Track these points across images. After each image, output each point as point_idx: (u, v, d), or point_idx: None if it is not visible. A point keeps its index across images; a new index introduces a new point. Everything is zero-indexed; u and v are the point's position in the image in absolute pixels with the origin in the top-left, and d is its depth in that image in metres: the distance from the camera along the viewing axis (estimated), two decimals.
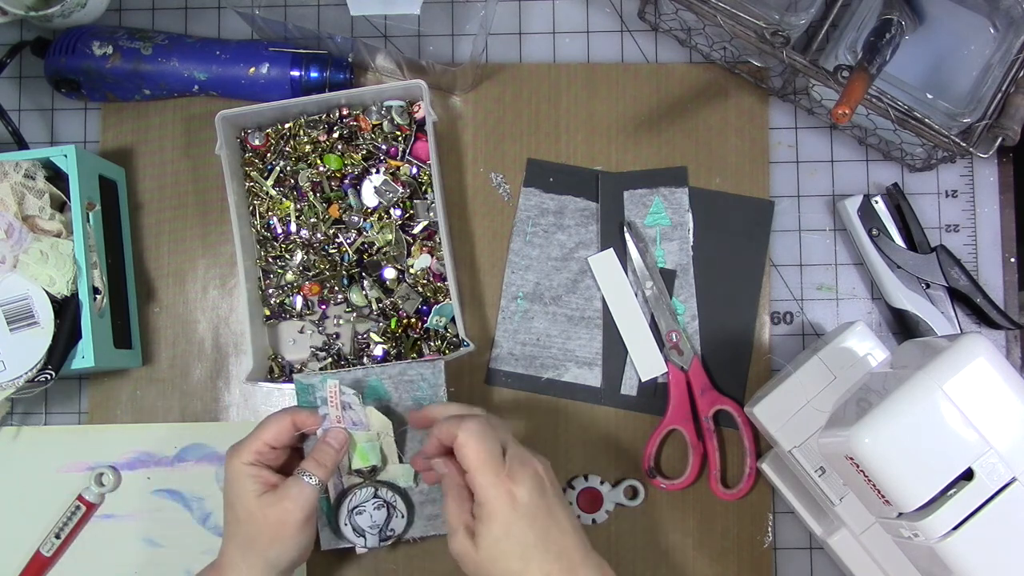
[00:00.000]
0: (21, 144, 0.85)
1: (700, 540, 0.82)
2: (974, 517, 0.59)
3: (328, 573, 0.83)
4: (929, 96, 0.77)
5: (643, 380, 0.84)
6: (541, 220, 0.86)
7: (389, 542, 0.76)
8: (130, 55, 0.84)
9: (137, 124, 0.88)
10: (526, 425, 0.84)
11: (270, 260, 0.85)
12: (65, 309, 0.77)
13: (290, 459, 0.74)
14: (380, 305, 0.84)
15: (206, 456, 0.85)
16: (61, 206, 0.80)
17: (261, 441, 0.70)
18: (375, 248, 0.84)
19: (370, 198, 0.84)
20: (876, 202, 0.83)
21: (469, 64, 0.82)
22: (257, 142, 0.85)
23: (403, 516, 0.76)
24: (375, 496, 0.75)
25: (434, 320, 0.83)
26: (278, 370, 0.85)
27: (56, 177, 0.80)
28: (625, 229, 0.84)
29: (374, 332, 0.84)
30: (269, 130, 0.85)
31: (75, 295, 0.77)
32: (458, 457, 0.67)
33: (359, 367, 0.75)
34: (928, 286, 0.82)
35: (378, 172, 0.84)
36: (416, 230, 0.84)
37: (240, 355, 0.86)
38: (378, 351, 0.83)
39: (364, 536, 0.75)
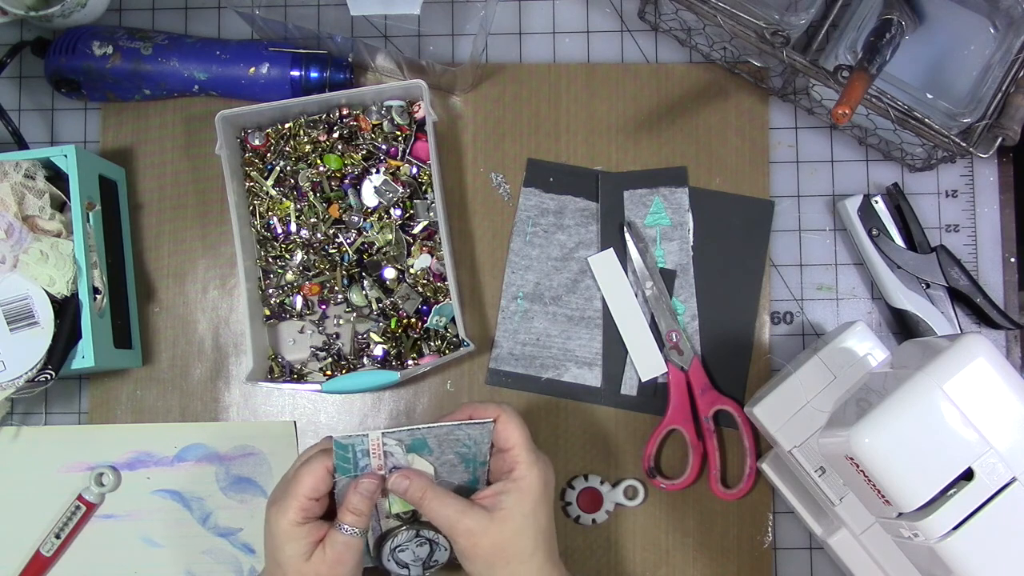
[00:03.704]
0: (21, 144, 0.85)
1: (700, 540, 0.82)
2: (974, 517, 0.59)
3: None
4: (929, 96, 0.77)
5: (643, 380, 0.84)
6: (541, 220, 0.86)
7: (433, 570, 0.76)
8: (130, 55, 0.84)
9: (137, 124, 0.88)
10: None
11: (270, 260, 0.85)
12: (65, 309, 0.76)
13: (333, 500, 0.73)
14: (380, 305, 0.84)
15: (206, 456, 0.85)
16: (61, 206, 0.80)
17: (303, 497, 0.68)
18: (375, 248, 0.84)
19: (370, 198, 0.84)
20: (876, 202, 0.83)
21: (469, 64, 0.82)
22: (257, 142, 0.85)
23: (446, 548, 0.74)
24: (417, 536, 0.74)
25: (434, 320, 0.83)
26: (278, 370, 0.85)
27: (56, 177, 0.80)
28: (625, 229, 0.84)
29: (374, 332, 0.84)
30: (269, 130, 0.85)
31: (75, 295, 0.77)
32: (499, 437, 0.71)
33: (406, 427, 0.70)
34: (928, 286, 0.82)
35: (378, 172, 0.84)
36: (416, 230, 0.84)
37: (240, 355, 0.86)
38: (378, 351, 0.83)
39: (408, 568, 0.75)
